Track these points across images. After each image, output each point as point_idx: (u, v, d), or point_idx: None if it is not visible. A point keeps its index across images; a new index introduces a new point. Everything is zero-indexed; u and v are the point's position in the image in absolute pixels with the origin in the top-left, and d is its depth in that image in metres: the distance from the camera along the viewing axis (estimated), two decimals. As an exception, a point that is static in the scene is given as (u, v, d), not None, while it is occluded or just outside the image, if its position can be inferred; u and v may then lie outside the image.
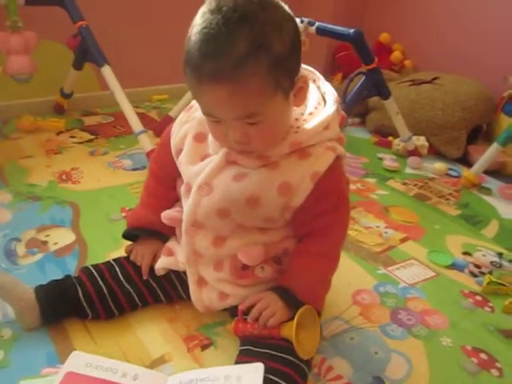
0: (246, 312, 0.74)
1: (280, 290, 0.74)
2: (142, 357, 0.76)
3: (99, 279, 0.83)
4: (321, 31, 1.31)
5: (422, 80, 1.85)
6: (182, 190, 0.78)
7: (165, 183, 0.87)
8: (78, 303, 0.80)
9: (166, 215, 0.83)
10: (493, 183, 1.58)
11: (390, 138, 1.80)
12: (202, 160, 0.74)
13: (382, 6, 2.33)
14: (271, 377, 0.66)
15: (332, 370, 0.78)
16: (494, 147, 1.47)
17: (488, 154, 1.48)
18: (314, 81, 0.77)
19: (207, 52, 0.57)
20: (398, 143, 1.71)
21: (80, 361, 0.65)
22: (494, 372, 0.82)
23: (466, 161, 1.72)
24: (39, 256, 0.98)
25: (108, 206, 1.18)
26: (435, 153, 1.75)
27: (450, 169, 1.65)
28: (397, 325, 0.90)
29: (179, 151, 0.78)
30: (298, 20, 1.34)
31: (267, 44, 0.57)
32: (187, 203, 0.74)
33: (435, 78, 1.84)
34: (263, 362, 0.66)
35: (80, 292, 0.80)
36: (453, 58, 2.04)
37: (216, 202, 0.71)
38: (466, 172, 1.55)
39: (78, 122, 1.73)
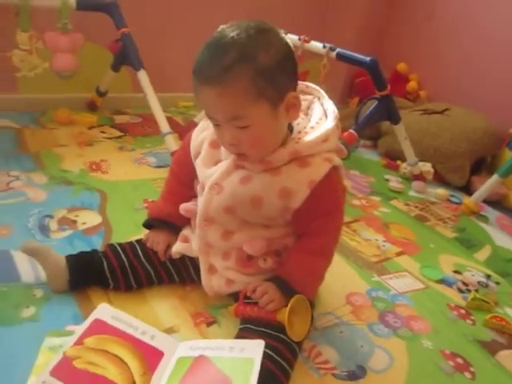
0: (247, 297, 0.84)
1: (278, 281, 0.84)
2: (154, 325, 0.85)
3: (122, 255, 0.94)
4: (341, 56, 1.43)
5: (433, 110, 1.96)
6: (198, 188, 0.89)
7: (184, 182, 0.98)
8: (102, 273, 0.91)
9: (184, 207, 0.94)
10: (491, 213, 1.66)
11: (398, 162, 1.90)
12: (216, 164, 0.85)
13: (401, 36, 2.46)
14: (266, 350, 0.75)
15: (320, 356, 0.87)
16: (494, 178, 1.56)
17: (488, 185, 1.58)
18: (319, 98, 0.88)
19: (204, 59, 0.72)
20: (405, 167, 1.81)
21: (107, 312, 0.76)
22: (468, 375, 0.90)
23: (468, 190, 1.81)
24: (69, 232, 1.10)
25: (132, 196, 1.30)
26: (440, 180, 1.85)
27: (452, 195, 1.74)
28: (384, 325, 0.99)
29: (197, 154, 0.90)
30: (320, 45, 1.47)
31: (253, 56, 0.69)
32: (201, 200, 0.86)
33: (446, 110, 1.95)
34: (259, 338, 0.77)
35: (105, 264, 0.91)
36: (464, 93, 2.14)
37: (225, 200, 0.82)
38: (466, 199, 1.64)
39: (109, 120, 1.87)
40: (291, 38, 1.53)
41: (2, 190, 1.22)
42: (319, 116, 0.83)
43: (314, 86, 0.89)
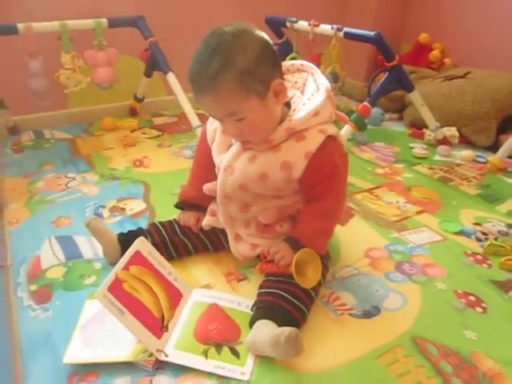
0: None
1: (289, 240, 0.97)
2: (193, 283, 1.02)
3: (163, 231, 1.11)
4: (348, 35, 1.52)
5: (454, 75, 1.98)
6: (216, 171, 1.03)
7: (205, 168, 1.09)
8: (147, 247, 1.07)
9: (207, 187, 1.07)
10: (519, 168, 1.68)
11: (424, 130, 1.94)
12: (229, 147, 0.99)
13: (422, 7, 2.46)
14: (282, 293, 0.89)
15: (338, 300, 0.99)
16: (518, 133, 1.57)
17: None
18: (313, 74, 0.98)
19: (194, 72, 0.85)
20: (429, 133, 1.86)
21: (145, 246, 0.94)
22: (479, 309, 0.98)
23: (497, 150, 1.81)
24: (119, 218, 1.29)
25: (171, 184, 1.47)
26: (466, 142, 1.87)
27: (478, 156, 1.77)
28: (400, 273, 1.08)
29: (212, 142, 1.04)
30: (329, 27, 1.56)
31: (233, 62, 0.81)
32: (218, 182, 1.00)
33: (467, 73, 1.96)
34: (278, 285, 0.92)
35: (149, 239, 1.07)
36: (488, 55, 2.13)
37: (237, 179, 0.95)
38: (491, 157, 1.67)
39: (149, 122, 2.07)
40: (301, 25, 1.64)
41: (62, 190, 1.44)
42: (311, 92, 0.94)
43: (308, 63, 1.00)
